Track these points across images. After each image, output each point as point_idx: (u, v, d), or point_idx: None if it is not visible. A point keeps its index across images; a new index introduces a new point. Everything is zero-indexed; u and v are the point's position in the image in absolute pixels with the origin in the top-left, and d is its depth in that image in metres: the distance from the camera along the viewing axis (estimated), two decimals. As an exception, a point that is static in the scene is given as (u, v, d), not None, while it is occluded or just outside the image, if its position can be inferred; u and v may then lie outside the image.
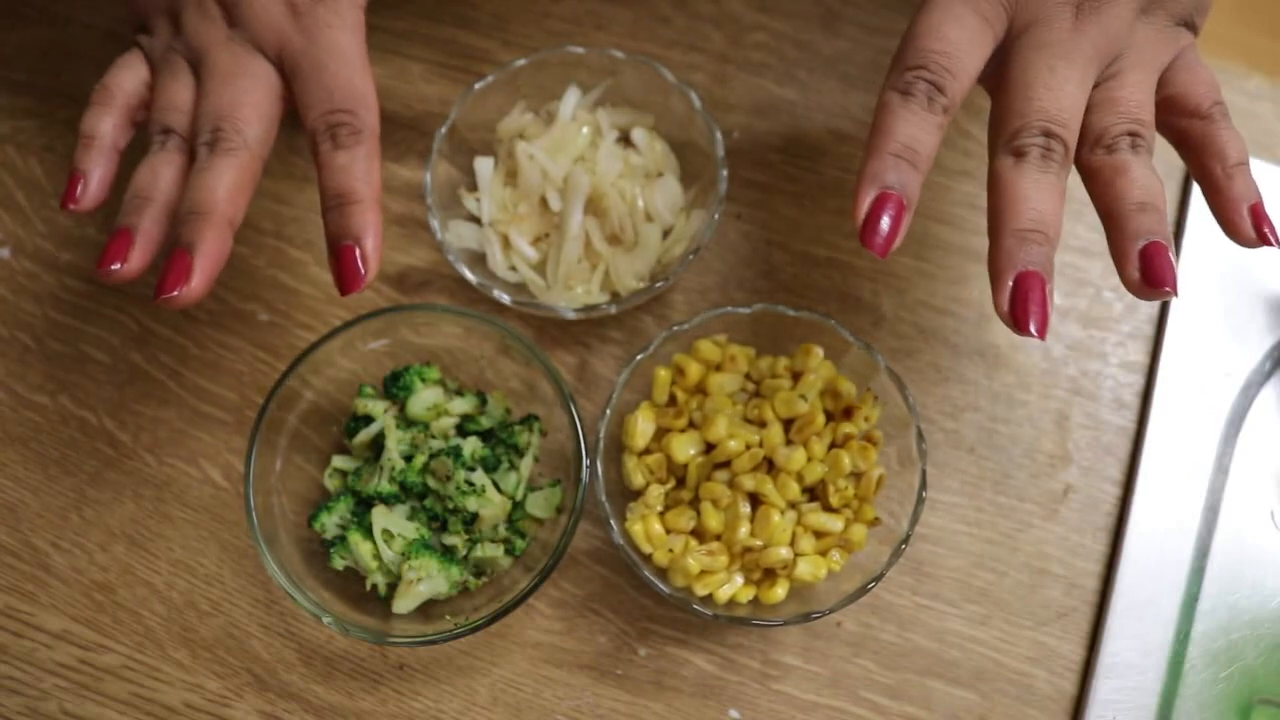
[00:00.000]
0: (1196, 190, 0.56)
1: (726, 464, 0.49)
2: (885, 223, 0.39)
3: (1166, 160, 0.57)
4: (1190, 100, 0.43)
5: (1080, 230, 0.57)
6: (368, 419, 0.50)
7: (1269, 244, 0.42)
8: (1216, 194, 0.42)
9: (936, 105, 0.40)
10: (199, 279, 0.43)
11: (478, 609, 0.49)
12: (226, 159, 0.44)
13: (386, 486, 0.49)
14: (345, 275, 0.43)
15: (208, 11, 0.46)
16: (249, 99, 0.45)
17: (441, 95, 0.60)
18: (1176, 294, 0.39)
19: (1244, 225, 0.41)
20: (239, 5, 0.45)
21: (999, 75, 0.42)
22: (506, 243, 0.54)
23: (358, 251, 0.43)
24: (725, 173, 0.52)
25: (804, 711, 0.49)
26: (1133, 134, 0.40)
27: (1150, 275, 0.39)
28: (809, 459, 0.48)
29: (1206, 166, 0.42)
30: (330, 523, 0.49)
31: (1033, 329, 0.38)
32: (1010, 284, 0.39)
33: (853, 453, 0.48)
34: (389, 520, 0.48)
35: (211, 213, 0.43)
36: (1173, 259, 0.39)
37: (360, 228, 0.43)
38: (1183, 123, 0.43)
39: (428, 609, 0.49)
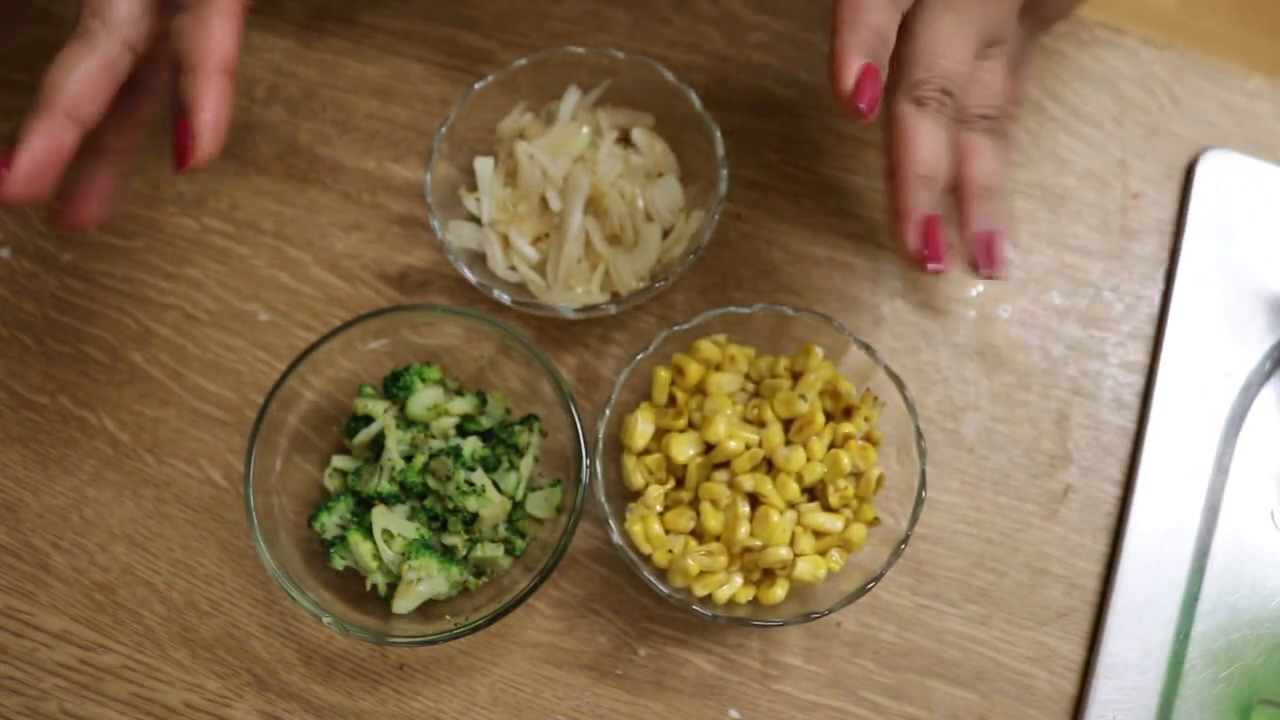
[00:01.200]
0: (1197, 191, 0.56)
1: (726, 464, 0.49)
2: (869, 93, 0.41)
3: (1166, 163, 0.58)
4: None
5: (1080, 230, 0.57)
6: (368, 419, 0.50)
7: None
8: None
9: (897, 2, 0.43)
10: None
11: (478, 609, 0.49)
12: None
13: (386, 486, 0.49)
14: (175, 149, 0.40)
15: None
16: None
17: (441, 95, 0.60)
18: (1002, 275, 0.47)
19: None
20: None
21: (908, 19, 0.44)
22: (506, 243, 0.54)
23: (192, 125, 0.39)
24: (725, 173, 0.52)
25: (804, 711, 0.50)
26: (988, 117, 0.47)
27: (983, 257, 0.47)
28: (809, 459, 0.48)
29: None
30: (330, 523, 0.49)
31: (938, 265, 0.44)
32: (920, 226, 0.44)
33: (852, 453, 0.48)
34: (389, 520, 0.48)
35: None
36: (999, 241, 0.46)
37: (192, 98, 0.39)
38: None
39: (428, 609, 0.49)
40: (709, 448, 0.49)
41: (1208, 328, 0.54)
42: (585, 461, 0.48)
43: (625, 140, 0.56)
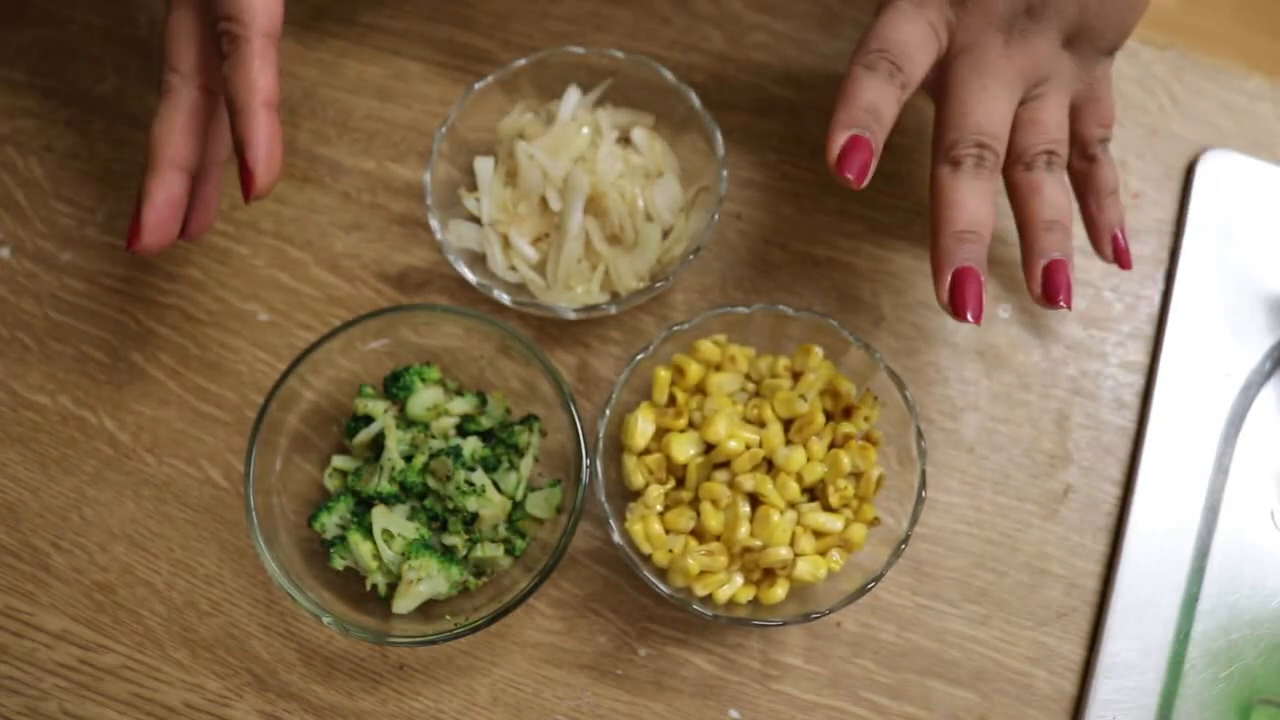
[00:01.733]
0: (1197, 191, 0.56)
1: (726, 464, 0.49)
2: (855, 161, 0.44)
3: (1166, 163, 0.58)
4: (1080, 139, 0.50)
5: (1079, 232, 0.56)
6: (368, 419, 0.50)
7: (1124, 266, 0.52)
8: (1093, 222, 0.52)
9: (895, 80, 0.45)
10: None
11: (478, 609, 0.49)
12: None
13: (386, 486, 0.49)
14: (241, 183, 0.44)
15: None
16: None
17: (441, 95, 0.60)
18: (1070, 308, 0.47)
19: (1107, 249, 0.52)
20: None
21: (939, 89, 0.47)
22: (506, 243, 0.54)
23: (248, 160, 0.44)
24: (725, 173, 0.52)
25: (804, 711, 0.50)
26: (1049, 153, 0.47)
27: (1048, 289, 0.47)
28: (809, 459, 0.48)
29: (1084, 199, 0.52)
30: (330, 523, 0.49)
31: (969, 316, 0.44)
32: (949, 278, 0.45)
33: (852, 453, 0.48)
34: (389, 520, 0.48)
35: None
36: (1070, 275, 0.47)
37: (243, 135, 0.44)
38: (1073, 158, 0.51)
39: (428, 609, 0.49)
40: (709, 448, 0.49)
41: (1208, 328, 0.54)
42: (585, 461, 0.48)
43: (625, 140, 0.56)
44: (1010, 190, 0.49)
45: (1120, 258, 0.52)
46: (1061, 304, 0.46)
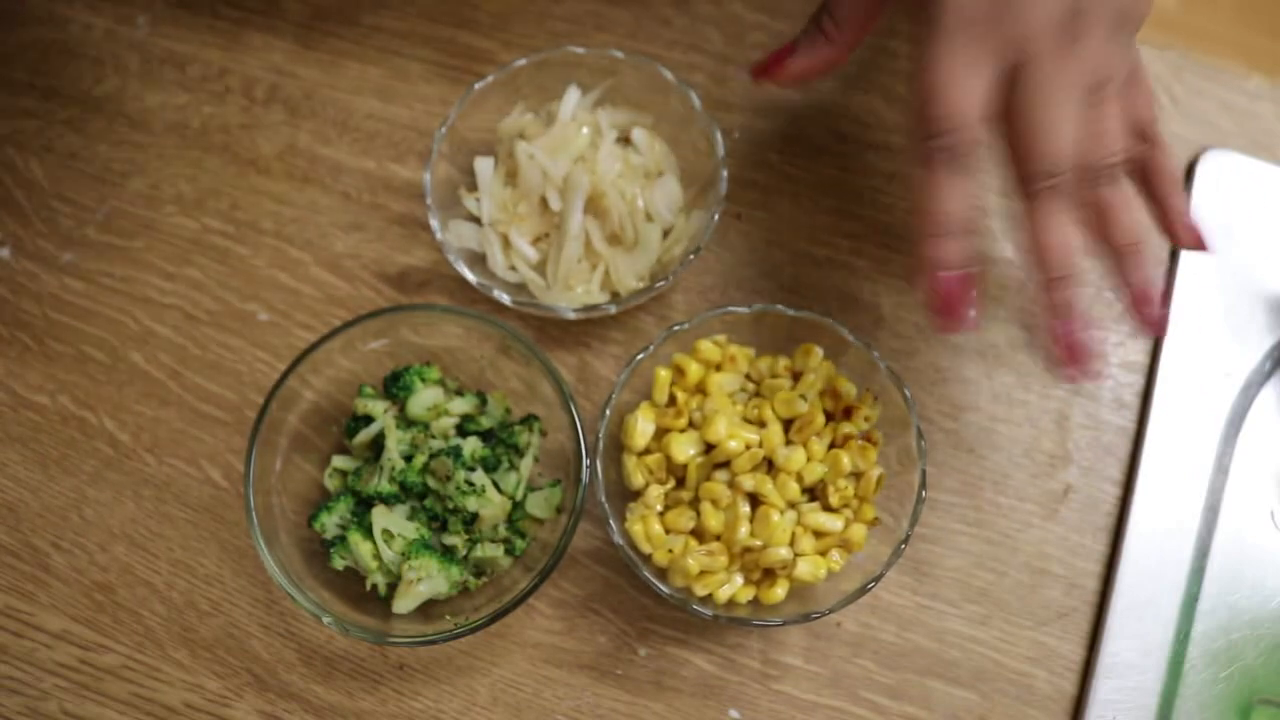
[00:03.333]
0: (1197, 191, 0.56)
1: (726, 464, 0.49)
2: (958, 296, 0.43)
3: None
4: (1136, 124, 0.47)
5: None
6: (368, 419, 0.50)
7: (1202, 248, 0.49)
8: (1164, 211, 0.49)
9: (973, 168, 0.43)
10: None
11: (478, 609, 0.49)
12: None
13: (386, 486, 0.49)
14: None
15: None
16: None
17: (441, 95, 0.60)
18: (1163, 333, 0.48)
19: (1186, 236, 0.49)
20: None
21: (1010, 100, 0.43)
22: (506, 243, 0.54)
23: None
24: (725, 173, 0.52)
25: (804, 711, 0.49)
26: (1111, 165, 0.44)
27: (1142, 316, 0.46)
28: (809, 459, 0.48)
29: (1153, 184, 0.48)
30: (330, 523, 0.49)
31: (1086, 370, 0.44)
32: (1062, 337, 0.44)
33: (852, 453, 0.48)
34: (389, 520, 0.48)
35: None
36: (1155, 296, 0.46)
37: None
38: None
39: (428, 609, 0.49)
40: (709, 448, 0.49)
41: (1208, 328, 0.54)
42: (585, 461, 0.48)
43: (625, 140, 0.56)
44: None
45: (1196, 243, 0.49)
46: (1156, 328, 0.47)
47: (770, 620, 0.47)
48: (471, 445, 0.50)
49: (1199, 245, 0.49)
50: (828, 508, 0.48)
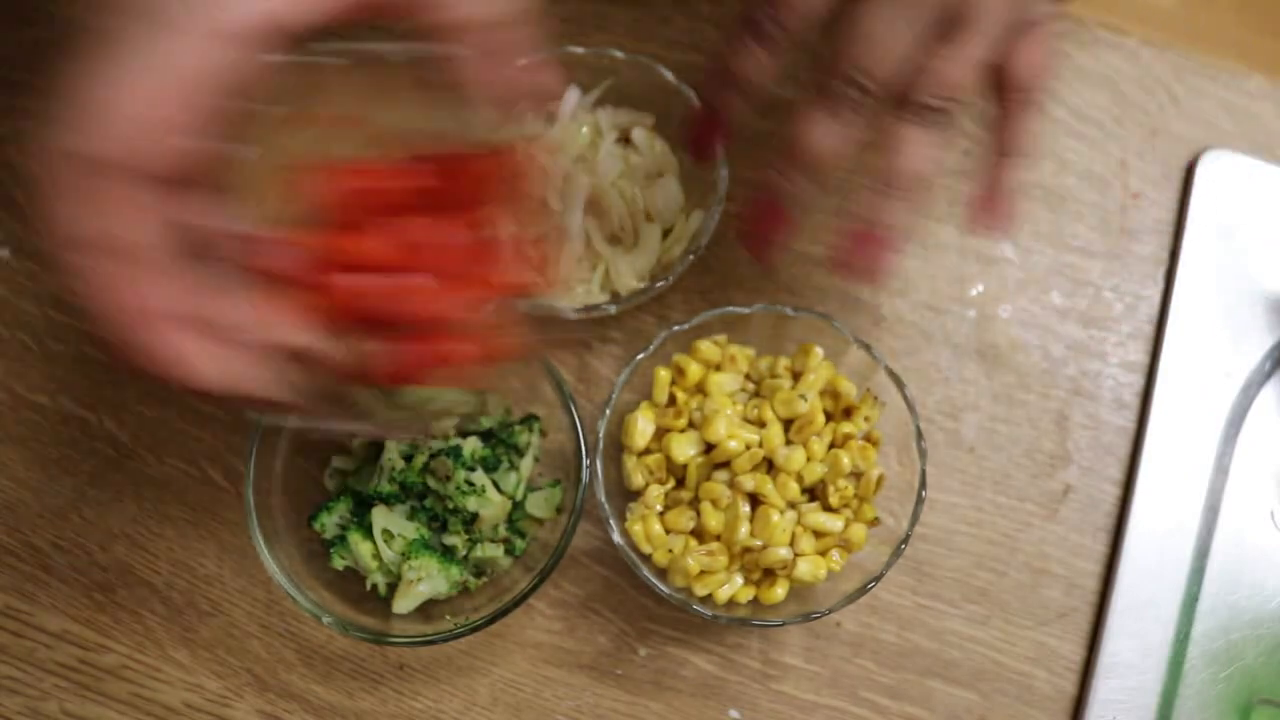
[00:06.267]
0: (1197, 191, 0.56)
1: (726, 464, 0.49)
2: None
3: (1166, 163, 0.57)
4: (1004, 82, 0.44)
5: (1080, 230, 0.57)
6: (368, 419, 0.50)
7: (994, 229, 0.46)
8: (986, 176, 0.46)
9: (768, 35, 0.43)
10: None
11: (478, 609, 0.48)
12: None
13: (386, 486, 0.49)
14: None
15: None
16: None
17: (441, 95, 0.60)
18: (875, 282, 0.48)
19: (981, 215, 0.46)
20: None
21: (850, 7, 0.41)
22: (506, 243, 0.54)
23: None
24: (725, 173, 0.52)
25: (804, 711, 0.49)
26: (928, 108, 0.41)
27: (848, 256, 0.44)
28: (809, 459, 0.48)
29: (998, 142, 0.45)
30: (330, 523, 0.49)
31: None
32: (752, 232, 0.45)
33: (852, 453, 0.48)
34: (389, 520, 0.48)
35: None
36: (882, 242, 0.43)
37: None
38: (1002, 98, 0.44)
39: (428, 609, 0.49)
40: (709, 448, 0.49)
41: (1208, 328, 0.54)
42: (585, 461, 0.48)
43: (625, 140, 0.56)
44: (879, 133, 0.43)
45: (990, 220, 0.46)
46: (860, 276, 0.44)
47: (770, 620, 0.47)
48: (471, 445, 0.50)
49: (989, 226, 0.46)
50: (828, 508, 0.48)
